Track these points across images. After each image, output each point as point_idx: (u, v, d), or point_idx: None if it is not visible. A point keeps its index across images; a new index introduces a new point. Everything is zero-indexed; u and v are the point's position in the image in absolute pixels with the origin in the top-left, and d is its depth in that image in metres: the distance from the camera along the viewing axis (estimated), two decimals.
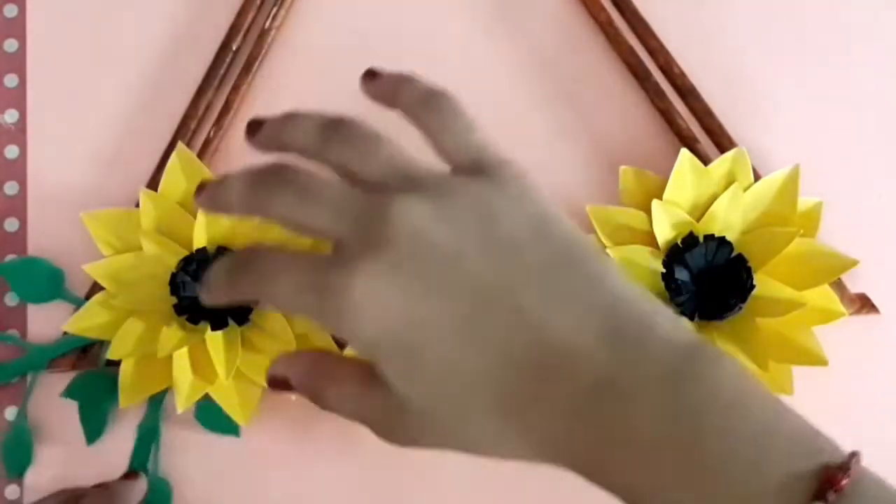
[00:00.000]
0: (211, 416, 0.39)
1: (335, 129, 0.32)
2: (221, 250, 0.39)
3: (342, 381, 0.31)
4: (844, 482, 0.24)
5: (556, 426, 0.27)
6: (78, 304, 0.40)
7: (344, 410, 0.32)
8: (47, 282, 0.41)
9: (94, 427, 0.40)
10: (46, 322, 0.41)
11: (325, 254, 0.30)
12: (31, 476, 0.40)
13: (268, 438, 0.40)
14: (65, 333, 0.40)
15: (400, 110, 0.33)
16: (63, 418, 0.40)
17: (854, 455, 0.25)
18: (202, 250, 0.39)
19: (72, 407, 0.40)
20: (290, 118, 0.33)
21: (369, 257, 0.28)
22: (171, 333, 0.38)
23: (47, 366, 0.40)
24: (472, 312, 0.28)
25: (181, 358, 0.38)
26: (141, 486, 0.39)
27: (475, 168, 0.31)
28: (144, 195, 0.40)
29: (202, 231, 0.39)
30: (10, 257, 0.41)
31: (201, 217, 0.39)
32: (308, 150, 0.32)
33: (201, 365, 0.39)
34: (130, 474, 0.40)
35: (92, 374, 0.40)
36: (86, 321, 0.39)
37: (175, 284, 0.39)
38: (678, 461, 0.26)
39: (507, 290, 0.28)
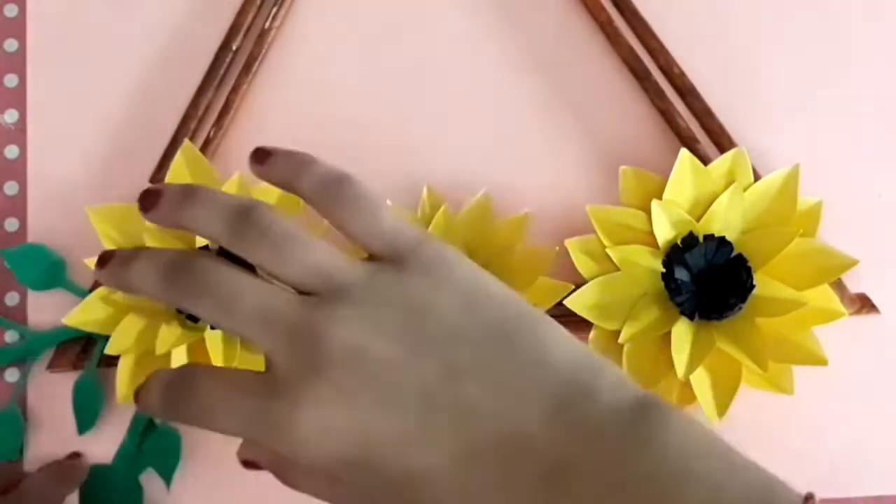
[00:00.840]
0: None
1: (245, 222, 0.29)
2: (223, 250, 0.39)
3: (307, 471, 0.31)
4: None
5: None
6: (80, 293, 0.40)
7: (317, 495, 0.31)
8: (49, 268, 0.41)
9: (86, 420, 0.40)
10: (46, 318, 0.41)
11: (260, 376, 0.29)
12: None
13: None
14: (65, 327, 0.40)
15: (300, 197, 0.32)
16: (63, 416, 0.40)
17: (809, 499, 0.25)
18: (204, 248, 0.39)
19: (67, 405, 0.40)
20: (191, 196, 0.30)
21: (311, 385, 0.27)
22: (170, 331, 0.38)
23: (48, 365, 0.40)
24: (422, 417, 0.27)
25: (179, 355, 0.38)
26: (83, 466, 0.39)
27: (393, 256, 0.30)
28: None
29: None
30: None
31: None
32: (216, 240, 0.30)
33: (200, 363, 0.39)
34: (73, 455, 0.40)
35: (87, 372, 0.40)
36: (86, 315, 0.39)
37: None
38: None
39: (450, 388, 0.27)
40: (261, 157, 0.32)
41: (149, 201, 0.31)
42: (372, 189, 0.31)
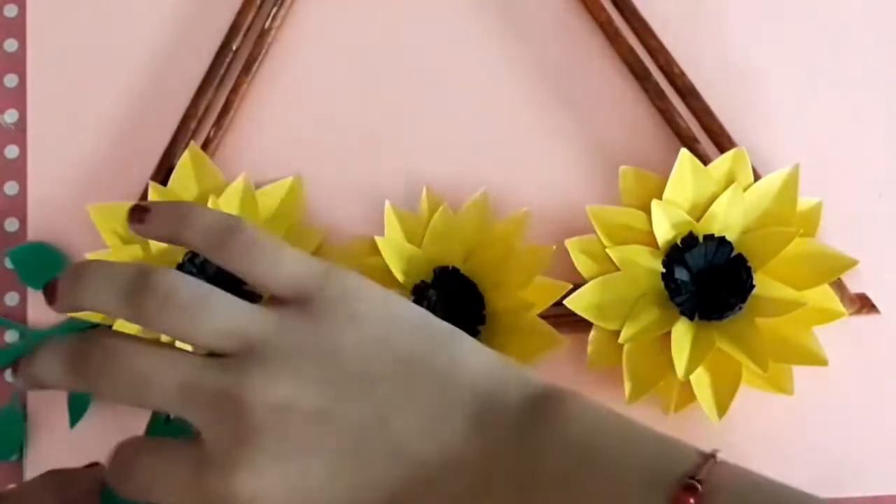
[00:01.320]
0: None
1: (142, 292, 0.28)
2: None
3: None
4: (691, 501, 0.25)
5: None
6: None
7: None
8: (52, 267, 0.41)
9: (76, 412, 0.40)
10: (46, 318, 0.41)
11: (192, 446, 0.28)
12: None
13: None
14: (65, 325, 0.40)
15: (194, 250, 0.31)
16: (64, 416, 0.40)
17: (710, 457, 0.26)
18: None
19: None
20: (81, 274, 0.29)
21: (243, 454, 0.27)
22: None
23: None
24: (354, 462, 0.27)
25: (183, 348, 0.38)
26: (98, 474, 0.39)
27: (298, 298, 0.29)
28: (154, 188, 0.40)
29: None
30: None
31: None
32: (115, 316, 0.30)
33: None
34: (91, 465, 0.39)
35: None
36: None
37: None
38: None
39: (379, 428, 0.28)
40: (139, 214, 0.31)
41: (48, 289, 0.30)
42: (263, 232, 0.30)
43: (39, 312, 0.41)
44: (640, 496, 0.26)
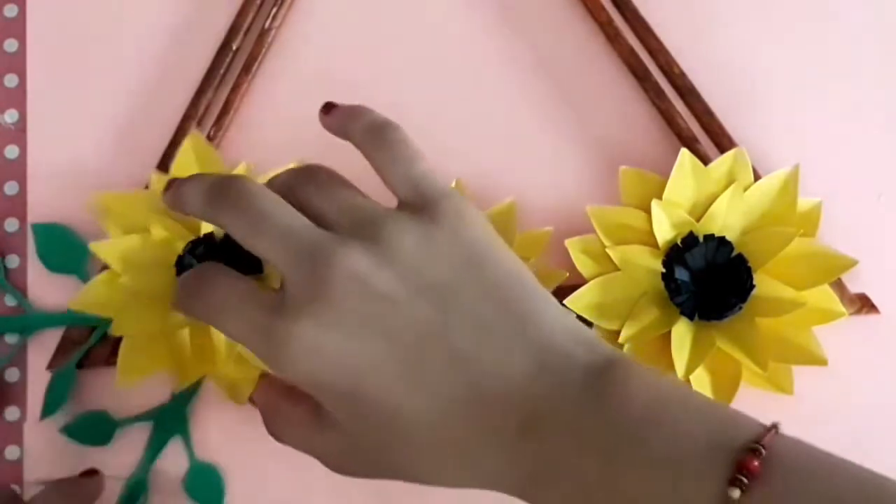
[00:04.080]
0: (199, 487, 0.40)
1: (303, 173, 0.33)
2: (227, 237, 0.39)
3: (296, 423, 0.33)
4: (756, 464, 0.25)
5: (492, 461, 0.29)
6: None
7: (298, 447, 0.33)
8: (69, 252, 0.41)
9: (51, 405, 0.40)
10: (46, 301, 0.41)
11: (273, 292, 0.31)
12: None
13: None
14: (69, 311, 0.40)
15: (352, 143, 0.34)
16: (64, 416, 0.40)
17: (772, 428, 0.27)
18: (209, 235, 0.39)
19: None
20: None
21: (312, 306, 0.29)
22: (175, 313, 0.38)
23: (48, 365, 0.40)
24: (411, 357, 0.29)
25: (182, 338, 0.38)
26: (98, 483, 0.39)
27: (417, 201, 0.32)
28: (156, 177, 0.40)
29: None
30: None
31: None
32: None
33: (203, 347, 0.39)
34: (89, 472, 0.39)
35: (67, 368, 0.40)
36: (91, 297, 0.39)
37: (182, 266, 0.39)
38: (603, 479, 0.27)
39: (443, 334, 0.29)
40: (328, 108, 0.35)
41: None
42: (414, 141, 0.33)
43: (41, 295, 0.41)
44: (705, 456, 0.26)
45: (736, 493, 0.25)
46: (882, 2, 0.44)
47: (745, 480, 0.25)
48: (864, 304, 0.41)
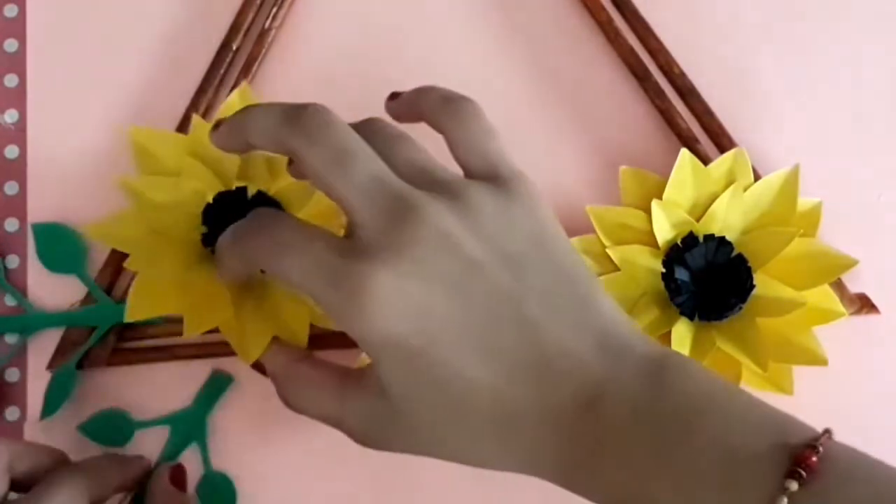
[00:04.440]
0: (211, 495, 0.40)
1: (369, 125, 0.32)
2: (261, 194, 0.39)
3: (319, 386, 0.32)
4: (814, 459, 0.25)
5: (545, 437, 0.28)
6: (90, 286, 0.40)
7: (320, 414, 0.32)
8: (70, 252, 0.41)
9: (52, 403, 0.40)
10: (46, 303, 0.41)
11: (345, 238, 0.30)
12: None
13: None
14: (67, 315, 0.40)
15: (423, 118, 0.33)
16: (64, 416, 0.40)
17: (826, 432, 0.27)
18: (242, 188, 0.39)
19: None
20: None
21: (395, 254, 0.28)
22: (192, 256, 0.38)
23: (48, 365, 0.40)
24: (483, 321, 0.28)
25: (197, 283, 0.38)
26: (145, 463, 0.38)
27: (490, 176, 0.31)
28: (198, 121, 0.40)
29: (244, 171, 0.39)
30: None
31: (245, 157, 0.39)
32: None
33: (216, 295, 0.38)
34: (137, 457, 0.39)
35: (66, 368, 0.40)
36: (110, 229, 0.39)
37: (207, 215, 0.38)
38: (656, 461, 0.27)
39: (515, 303, 0.29)
40: (394, 95, 0.35)
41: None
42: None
43: (41, 295, 0.41)
44: (764, 449, 0.26)
45: (794, 486, 0.25)
46: (882, 2, 0.44)
47: (804, 474, 0.25)
48: (864, 304, 0.41)
